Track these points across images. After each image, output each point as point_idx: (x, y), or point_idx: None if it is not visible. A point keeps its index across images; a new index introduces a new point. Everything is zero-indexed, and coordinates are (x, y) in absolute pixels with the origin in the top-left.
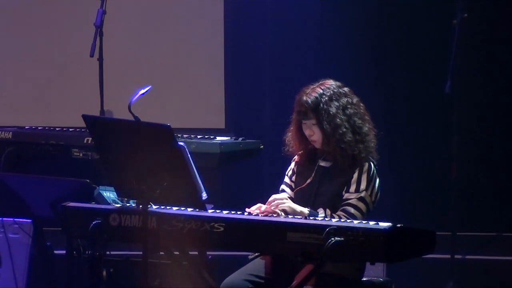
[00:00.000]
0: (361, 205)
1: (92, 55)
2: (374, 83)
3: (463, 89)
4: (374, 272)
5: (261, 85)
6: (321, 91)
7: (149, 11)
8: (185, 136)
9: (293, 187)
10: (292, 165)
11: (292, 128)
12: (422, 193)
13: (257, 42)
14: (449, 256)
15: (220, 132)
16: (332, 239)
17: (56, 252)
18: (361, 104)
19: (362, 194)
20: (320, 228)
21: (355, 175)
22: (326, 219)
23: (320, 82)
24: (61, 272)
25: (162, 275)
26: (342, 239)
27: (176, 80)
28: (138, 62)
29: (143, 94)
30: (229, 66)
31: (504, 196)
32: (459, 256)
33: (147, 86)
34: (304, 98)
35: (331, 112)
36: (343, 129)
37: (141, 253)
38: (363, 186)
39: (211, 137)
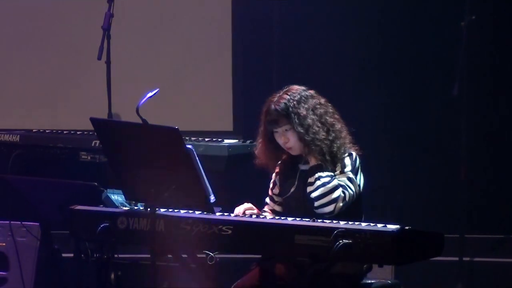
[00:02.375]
0: (343, 178)
1: (99, 58)
2: (381, 86)
3: (471, 92)
4: (382, 274)
5: (269, 88)
6: (288, 96)
7: (156, 14)
8: (193, 139)
9: (275, 199)
10: (273, 176)
11: (261, 141)
12: (430, 195)
13: (265, 45)
14: (457, 259)
15: (228, 135)
16: (340, 241)
17: (64, 255)
18: (329, 104)
19: (350, 175)
20: (328, 230)
21: (338, 166)
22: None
23: (285, 89)
24: (69, 275)
25: (170, 278)
26: (350, 241)
27: (184, 83)
28: (145, 65)
29: (150, 97)
30: (237, 69)
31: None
32: (467, 259)
33: (155, 89)
34: (273, 106)
35: (301, 114)
36: (315, 128)
37: (149, 256)
38: (347, 169)
39: (219, 140)
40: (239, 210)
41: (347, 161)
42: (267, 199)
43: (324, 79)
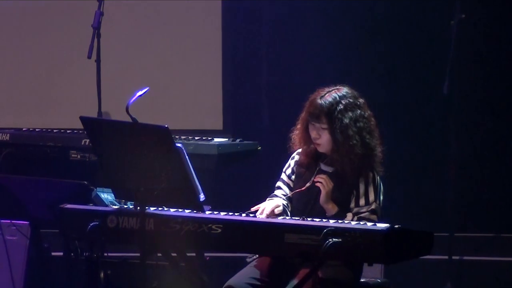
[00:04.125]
0: (374, 217)
1: (89, 57)
2: (371, 84)
3: (461, 90)
4: (372, 273)
5: (259, 87)
6: (338, 98)
7: (146, 13)
8: (182, 137)
9: (291, 185)
10: (292, 163)
11: (299, 127)
12: (420, 194)
13: (254, 44)
14: (446, 257)
15: (218, 134)
16: (330, 240)
17: (53, 254)
18: (372, 119)
19: (373, 206)
20: (317, 229)
21: (362, 188)
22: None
23: (336, 87)
24: (58, 274)
25: (160, 276)
26: (340, 240)
27: (174, 82)
28: (135, 63)
29: (140, 95)
30: (226, 68)
31: (502, 197)
32: (457, 257)
33: (145, 88)
34: (319, 101)
35: (344, 122)
36: (353, 141)
37: (138, 254)
38: (371, 197)
39: (209, 138)
40: (265, 210)
41: (371, 189)
42: (280, 184)
43: (314, 78)
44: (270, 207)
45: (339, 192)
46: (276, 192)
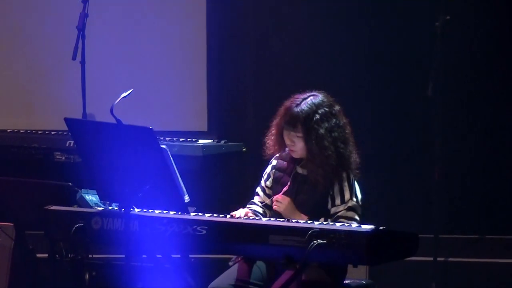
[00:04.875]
0: (351, 214)
1: (74, 58)
2: (356, 86)
3: (446, 92)
4: (357, 274)
5: (244, 88)
6: (314, 106)
7: (131, 14)
8: (167, 139)
9: (267, 191)
10: (269, 168)
11: (274, 132)
12: (405, 196)
13: (240, 45)
14: (431, 259)
15: (203, 135)
16: (315, 241)
17: (38, 255)
18: (348, 127)
19: (349, 204)
20: (302, 230)
21: (336, 187)
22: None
23: (312, 94)
24: (43, 276)
25: (144, 278)
26: (325, 241)
27: (159, 83)
28: (120, 65)
29: (125, 97)
30: (211, 69)
31: (486, 199)
32: (442, 259)
33: (129, 89)
34: (295, 109)
35: (320, 132)
36: (328, 152)
37: (123, 256)
38: (347, 195)
39: (194, 140)
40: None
41: (346, 186)
42: (259, 190)
43: (299, 79)
44: (243, 214)
45: (314, 195)
46: (255, 198)
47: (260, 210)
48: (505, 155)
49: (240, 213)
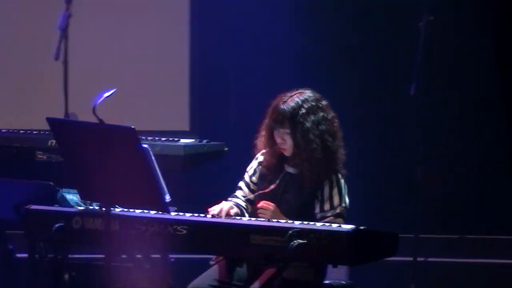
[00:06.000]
0: (339, 220)
1: (57, 58)
2: (338, 87)
3: (428, 92)
4: (337, 274)
5: (226, 87)
6: (300, 102)
7: (113, 14)
8: (149, 138)
9: (251, 187)
10: (255, 164)
11: (263, 133)
12: (385, 196)
13: (222, 45)
14: (411, 259)
15: (185, 135)
16: (295, 241)
17: (18, 255)
18: (336, 121)
19: (338, 210)
20: (282, 230)
21: (326, 191)
22: None
23: (299, 91)
24: (23, 276)
25: (124, 278)
26: (305, 241)
27: (141, 83)
28: (102, 65)
29: (107, 96)
30: (194, 68)
31: (467, 199)
32: (422, 259)
33: (112, 89)
34: (282, 106)
35: (305, 126)
36: (314, 145)
37: (103, 256)
38: (336, 201)
39: (175, 139)
40: (219, 211)
41: (335, 192)
42: (242, 184)
43: (280, 78)
44: (226, 208)
45: (301, 195)
46: (237, 192)
47: (243, 204)
48: (487, 155)
49: (220, 207)
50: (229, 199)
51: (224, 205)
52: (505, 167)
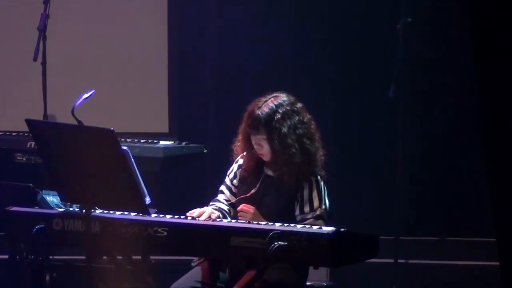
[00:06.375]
0: (319, 222)
1: (35, 59)
2: (318, 88)
3: (407, 93)
4: (318, 276)
5: (205, 89)
6: (275, 107)
7: (92, 15)
8: (128, 140)
9: (233, 190)
10: (235, 167)
11: (240, 139)
12: (366, 198)
13: (201, 47)
14: (392, 261)
15: (164, 137)
16: (276, 243)
17: None
18: (312, 123)
19: (318, 212)
20: (263, 232)
21: (306, 194)
22: None
23: (273, 95)
24: (3, 277)
25: (105, 280)
26: (286, 243)
27: (120, 84)
28: (81, 66)
29: (86, 98)
30: (172, 70)
31: (447, 201)
32: (402, 261)
33: (91, 90)
34: (257, 112)
35: (282, 131)
36: (292, 150)
37: (84, 258)
38: (316, 203)
39: (155, 141)
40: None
41: (315, 194)
42: (223, 188)
43: (260, 82)
44: (207, 213)
45: (280, 197)
46: (219, 196)
47: (226, 207)
48: (467, 157)
49: (199, 211)
50: (211, 203)
51: (206, 210)
52: (485, 169)
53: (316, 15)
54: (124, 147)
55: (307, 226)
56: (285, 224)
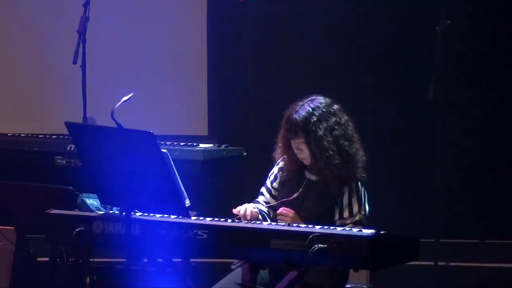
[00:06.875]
0: (358, 228)
1: (75, 62)
2: (357, 90)
3: (446, 95)
4: (358, 279)
5: (245, 92)
6: (311, 109)
7: (132, 18)
8: (168, 143)
9: (273, 192)
10: (276, 170)
11: (280, 145)
12: (406, 200)
13: (241, 49)
14: (432, 263)
15: (203, 139)
16: (316, 246)
17: (39, 259)
18: (350, 124)
19: (357, 218)
20: (303, 235)
21: (345, 199)
22: None
23: (310, 99)
24: (44, 280)
25: (146, 282)
26: (325, 246)
27: (159, 87)
28: (121, 69)
29: (126, 101)
30: (212, 73)
31: (487, 203)
32: (443, 263)
33: (130, 93)
34: (294, 116)
35: (318, 134)
36: (330, 152)
37: (124, 260)
38: (355, 209)
39: (194, 144)
40: (243, 211)
41: (355, 200)
42: (264, 190)
43: (300, 83)
44: (249, 208)
45: (321, 202)
46: (259, 198)
47: (265, 209)
48: (506, 158)
49: (244, 208)
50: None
51: (248, 205)
52: None
53: (356, 17)
54: (164, 150)
55: (347, 228)
56: (325, 227)
